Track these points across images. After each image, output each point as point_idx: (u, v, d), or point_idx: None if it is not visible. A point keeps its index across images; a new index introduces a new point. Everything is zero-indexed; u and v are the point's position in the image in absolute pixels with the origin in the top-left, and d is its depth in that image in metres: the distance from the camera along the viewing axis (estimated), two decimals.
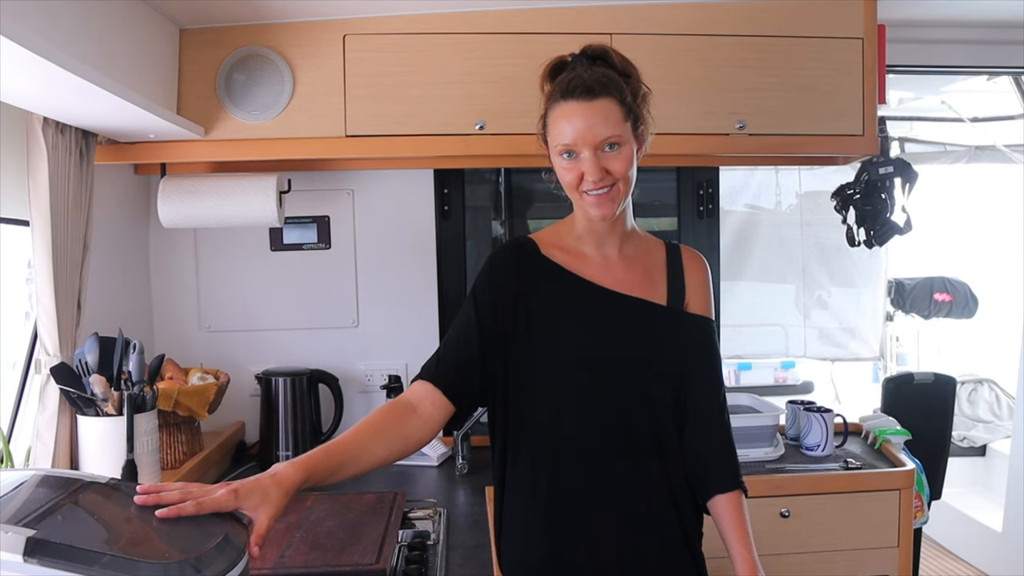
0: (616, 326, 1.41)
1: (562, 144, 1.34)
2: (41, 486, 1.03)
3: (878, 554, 2.19)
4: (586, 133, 1.31)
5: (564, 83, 1.35)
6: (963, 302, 4.67)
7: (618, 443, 1.39)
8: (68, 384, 1.71)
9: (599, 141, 1.32)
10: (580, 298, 1.42)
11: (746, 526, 1.40)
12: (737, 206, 3.67)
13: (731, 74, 2.16)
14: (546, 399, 1.40)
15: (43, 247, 1.68)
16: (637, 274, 1.45)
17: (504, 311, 1.40)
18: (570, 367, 1.40)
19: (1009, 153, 4.19)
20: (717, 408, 1.46)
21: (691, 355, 1.44)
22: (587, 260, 1.44)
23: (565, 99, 1.33)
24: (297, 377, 2.33)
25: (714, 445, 1.44)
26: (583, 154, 1.33)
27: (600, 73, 1.35)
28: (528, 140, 1.45)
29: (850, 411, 2.57)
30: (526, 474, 1.42)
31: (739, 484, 1.43)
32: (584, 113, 1.32)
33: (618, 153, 1.33)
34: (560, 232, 1.48)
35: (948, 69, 2.92)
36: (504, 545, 1.47)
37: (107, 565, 0.85)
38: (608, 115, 1.32)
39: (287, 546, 1.56)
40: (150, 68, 1.89)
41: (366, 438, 1.30)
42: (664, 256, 1.49)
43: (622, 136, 1.33)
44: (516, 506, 1.44)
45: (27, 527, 0.87)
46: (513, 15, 2.10)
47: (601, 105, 1.32)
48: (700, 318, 1.47)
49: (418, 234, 2.57)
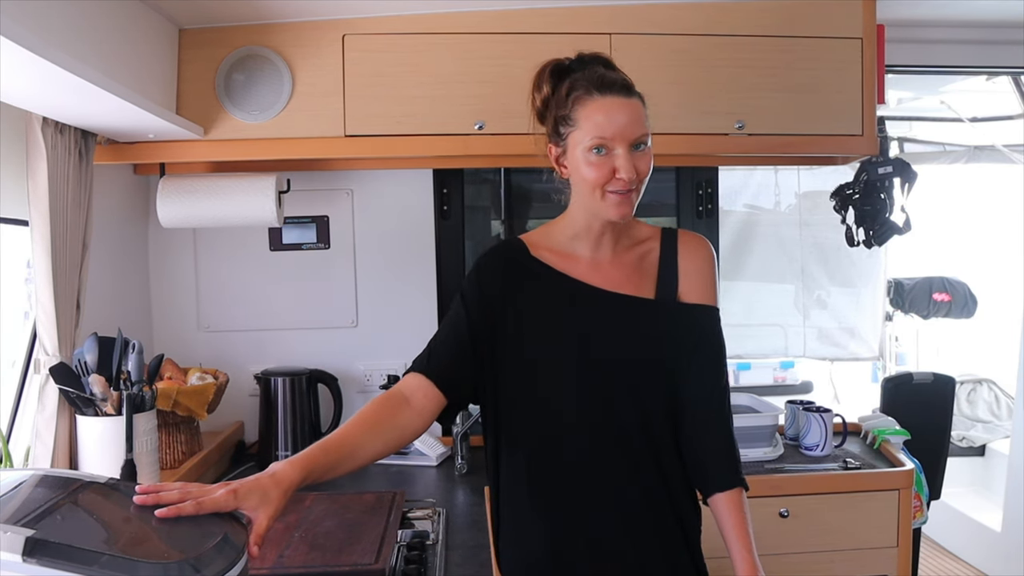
0: (605, 325, 1.40)
1: (598, 138, 1.32)
2: (40, 486, 1.03)
3: (877, 554, 2.19)
4: (626, 128, 1.31)
5: (595, 78, 1.34)
6: (962, 302, 4.68)
7: (611, 442, 1.39)
8: (67, 384, 1.70)
9: (635, 138, 1.32)
10: (568, 298, 1.41)
11: (747, 525, 1.38)
12: (736, 206, 3.67)
13: (730, 74, 2.16)
14: (536, 400, 1.40)
15: (42, 247, 1.68)
16: (626, 270, 1.44)
17: (492, 312, 1.41)
18: (560, 367, 1.40)
19: (1008, 153, 4.19)
20: (716, 400, 1.43)
21: (686, 347, 1.42)
22: (577, 260, 1.43)
23: (603, 93, 1.33)
24: (296, 377, 2.33)
25: (713, 441, 1.42)
26: (617, 151, 1.31)
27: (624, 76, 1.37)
28: (528, 140, 1.44)
29: (849, 411, 2.57)
30: (520, 475, 1.41)
31: (739, 482, 1.41)
32: (625, 109, 1.32)
33: (644, 153, 1.34)
34: (551, 232, 1.47)
35: (947, 69, 2.93)
36: (502, 545, 1.47)
37: (106, 565, 0.85)
38: (641, 113, 1.34)
39: (286, 546, 1.56)
40: (149, 68, 1.89)
41: (362, 432, 1.30)
42: (659, 246, 1.47)
43: (648, 137, 1.35)
44: (511, 507, 1.44)
45: (26, 527, 0.87)
46: (512, 15, 2.10)
47: (636, 104, 1.34)
48: (695, 307, 1.44)
49: (417, 234, 2.57)
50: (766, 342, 3.76)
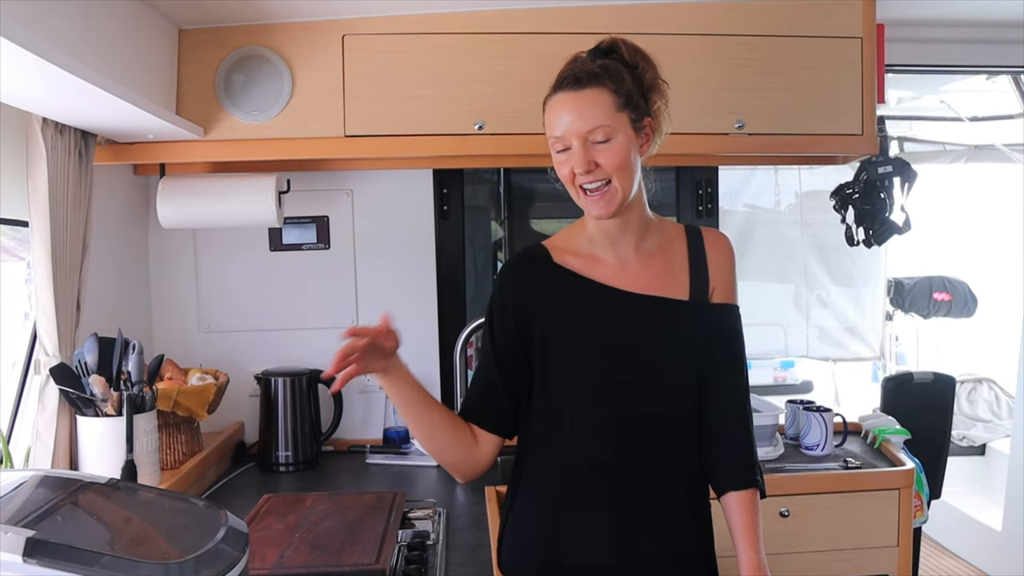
0: (635, 329, 1.38)
1: (552, 137, 1.31)
2: (41, 486, 1.03)
3: (878, 553, 2.19)
4: (573, 123, 1.28)
5: (558, 76, 1.33)
6: (962, 301, 4.67)
7: (637, 444, 1.38)
8: (67, 384, 1.71)
9: (586, 131, 1.28)
10: (596, 303, 1.39)
11: (756, 527, 1.38)
12: (737, 206, 3.68)
13: (730, 74, 2.15)
14: (563, 407, 1.39)
15: (42, 248, 1.68)
16: (656, 271, 1.40)
17: (519, 327, 1.38)
18: (591, 373, 1.38)
19: (1008, 152, 4.19)
20: (738, 401, 1.42)
21: (715, 348, 1.41)
22: (602, 263, 1.40)
23: (555, 91, 1.32)
24: (296, 377, 2.33)
25: (732, 440, 1.41)
26: (573, 146, 1.29)
27: (597, 64, 1.31)
28: (527, 140, 1.45)
29: (849, 410, 2.57)
30: (543, 475, 1.41)
31: (754, 483, 1.40)
32: (571, 103, 1.29)
33: (608, 146, 1.28)
34: (573, 235, 1.44)
35: (947, 68, 2.93)
36: (506, 544, 1.46)
37: (107, 565, 0.86)
38: (595, 104, 1.28)
39: (287, 546, 1.56)
40: (149, 68, 1.89)
41: (453, 428, 1.39)
42: (685, 244, 1.44)
43: (611, 127, 1.28)
44: (527, 506, 1.43)
45: (27, 527, 0.87)
46: (512, 15, 2.10)
47: (589, 95, 1.28)
48: (725, 307, 1.42)
49: (417, 234, 2.57)
50: (767, 342, 3.76)
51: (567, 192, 1.37)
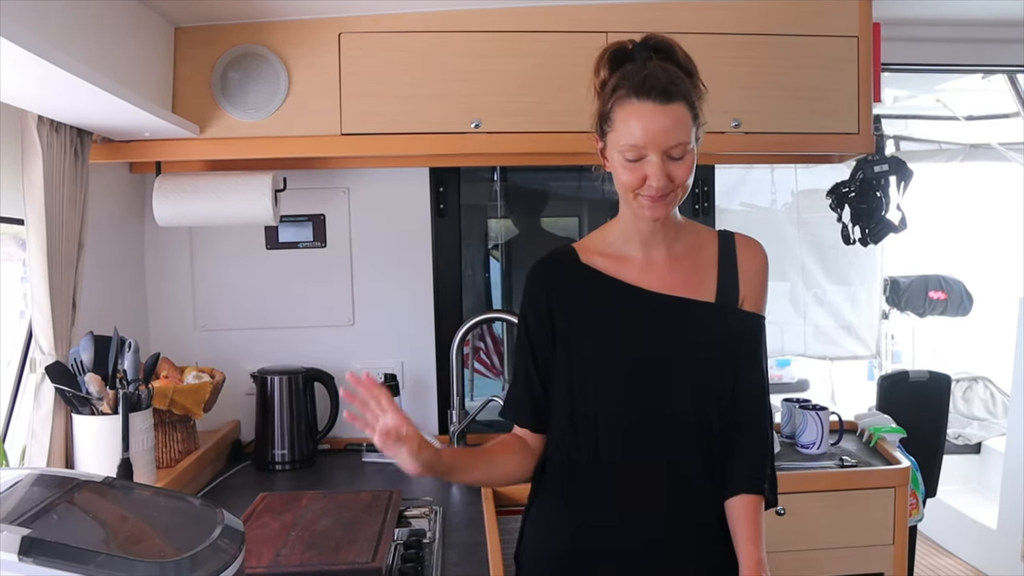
0: (659, 328, 1.39)
1: (630, 144, 1.29)
2: (36, 485, 1.03)
3: (873, 552, 2.19)
4: (659, 137, 1.28)
5: (637, 79, 1.30)
6: (958, 300, 4.69)
7: (660, 443, 1.38)
8: (63, 383, 1.70)
9: (669, 147, 1.29)
10: (623, 303, 1.40)
11: (759, 528, 1.38)
12: (733, 204, 3.68)
13: (726, 72, 2.15)
14: (585, 404, 1.39)
15: (38, 246, 1.68)
16: (683, 272, 1.41)
17: (550, 327, 1.41)
18: (616, 373, 1.39)
19: (1004, 151, 4.20)
20: (757, 408, 1.43)
21: (736, 352, 1.41)
22: (630, 263, 1.42)
23: (640, 98, 1.29)
24: (293, 376, 2.33)
25: (748, 445, 1.41)
26: (650, 158, 1.29)
27: (673, 73, 1.32)
28: (524, 138, 1.44)
29: (845, 409, 2.58)
30: (565, 472, 1.42)
31: (760, 489, 1.40)
32: (659, 117, 1.28)
33: (683, 161, 1.31)
34: (605, 236, 1.46)
35: (943, 67, 2.93)
36: (527, 537, 1.47)
37: (103, 564, 0.86)
38: (680, 122, 1.29)
39: (283, 545, 1.56)
40: (145, 66, 1.89)
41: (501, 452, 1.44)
42: (716, 249, 1.45)
43: (688, 144, 1.31)
44: (549, 503, 1.45)
45: (22, 526, 0.87)
46: (508, 13, 2.10)
47: (675, 110, 1.29)
48: (751, 315, 1.43)
49: (414, 232, 2.56)
50: None
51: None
